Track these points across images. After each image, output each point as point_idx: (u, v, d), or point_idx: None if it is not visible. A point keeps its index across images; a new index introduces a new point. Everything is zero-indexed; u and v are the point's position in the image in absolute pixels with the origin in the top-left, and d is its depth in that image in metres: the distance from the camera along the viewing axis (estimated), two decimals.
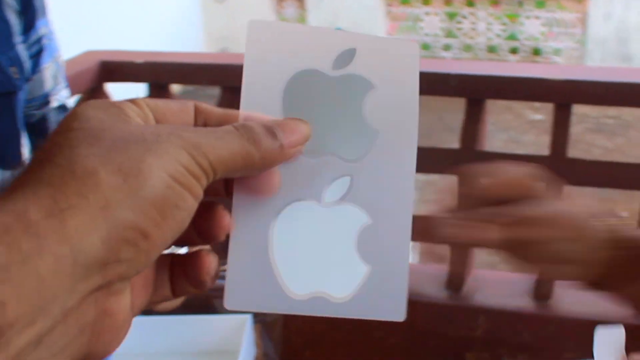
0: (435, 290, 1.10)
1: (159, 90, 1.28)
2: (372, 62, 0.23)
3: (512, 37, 4.09)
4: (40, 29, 0.56)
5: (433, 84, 1.07)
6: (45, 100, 0.59)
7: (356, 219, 0.22)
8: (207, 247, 0.23)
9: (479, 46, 4.14)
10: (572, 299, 1.05)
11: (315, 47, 0.22)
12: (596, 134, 3.29)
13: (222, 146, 0.20)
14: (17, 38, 0.53)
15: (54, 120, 0.60)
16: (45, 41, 0.57)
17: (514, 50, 4.09)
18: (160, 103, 0.22)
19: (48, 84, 0.58)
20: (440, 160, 1.06)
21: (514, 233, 0.37)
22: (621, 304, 0.41)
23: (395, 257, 0.22)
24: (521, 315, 1.04)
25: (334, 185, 0.22)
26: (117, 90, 1.39)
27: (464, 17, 4.14)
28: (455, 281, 1.10)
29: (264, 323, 1.09)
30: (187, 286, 0.22)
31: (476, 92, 1.08)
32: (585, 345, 1.06)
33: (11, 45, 0.53)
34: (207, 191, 0.20)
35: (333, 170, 0.22)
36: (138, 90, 1.40)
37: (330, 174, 0.22)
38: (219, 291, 0.22)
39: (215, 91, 1.33)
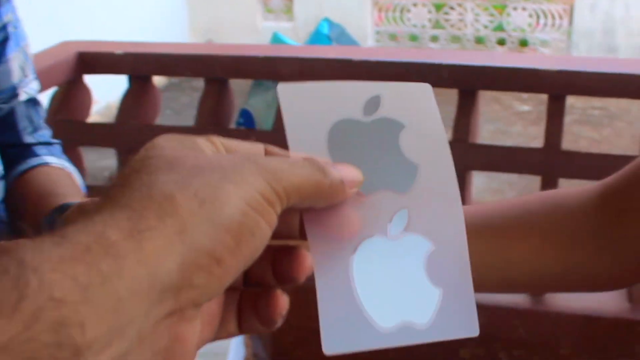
0: None
1: (140, 82, 1.24)
2: (396, 105, 0.25)
3: (499, 28, 4.09)
4: (5, 15, 0.52)
5: (424, 75, 1.05)
6: (13, 92, 0.55)
7: (421, 247, 0.24)
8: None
9: (466, 37, 4.13)
10: (568, 294, 1.03)
11: (344, 99, 0.25)
12: (583, 125, 3.30)
13: (295, 172, 0.21)
14: None
15: (22, 114, 0.56)
16: (10, 29, 0.52)
17: (501, 42, 4.09)
18: (232, 143, 0.22)
19: (15, 75, 0.54)
20: None
21: None
22: None
23: (460, 276, 0.24)
24: (516, 311, 1.02)
25: (395, 219, 0.24)
26: (97, 84, 1.34)
27: (452, 8, 4.12)
28: None
29: None
30: (256, 324, 0.23)
31: (469, 83, 1.06)
32: (580, 340, 1.05)
33: None
34: (281, 234, 0.21)
35: (390, 205, 0.24)
36: (118, 81, 1.35)
37: (390, 209, 0.24)
38: None
39: (200, 83, 1.29)
